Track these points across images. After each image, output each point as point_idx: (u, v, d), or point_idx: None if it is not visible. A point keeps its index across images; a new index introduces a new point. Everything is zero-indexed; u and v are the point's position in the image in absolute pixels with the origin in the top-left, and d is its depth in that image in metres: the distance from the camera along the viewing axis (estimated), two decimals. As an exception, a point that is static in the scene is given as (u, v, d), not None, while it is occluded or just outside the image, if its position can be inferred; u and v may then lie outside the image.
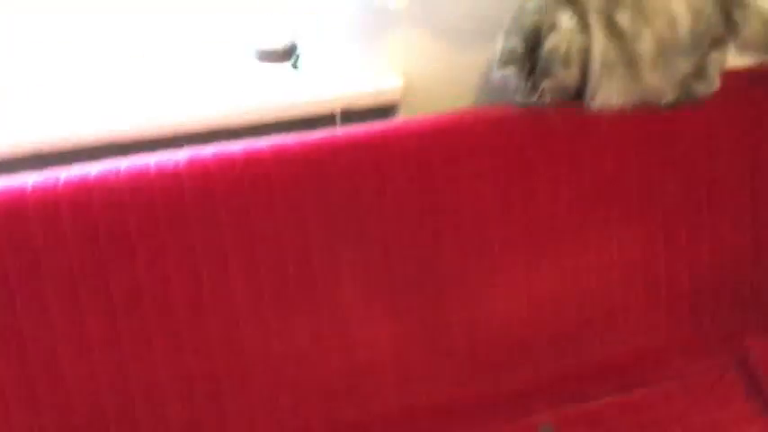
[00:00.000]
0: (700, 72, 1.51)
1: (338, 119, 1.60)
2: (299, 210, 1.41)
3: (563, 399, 1.53)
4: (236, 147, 1.41)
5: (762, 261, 1.66)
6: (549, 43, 1.41)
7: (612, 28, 1.44)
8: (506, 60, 1.46)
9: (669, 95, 1.51)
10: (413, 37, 1.62)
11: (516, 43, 1.44)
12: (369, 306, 1.47)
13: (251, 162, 1.39)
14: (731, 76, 1.56)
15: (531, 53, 1.42)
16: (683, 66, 1.49)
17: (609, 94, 1.47)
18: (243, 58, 1.72)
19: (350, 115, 1.61)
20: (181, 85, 1.63)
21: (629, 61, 1.45)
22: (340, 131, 1.50)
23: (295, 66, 1.69)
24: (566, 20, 1.43)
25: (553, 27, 1.42)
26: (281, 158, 1.41)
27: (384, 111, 1.65)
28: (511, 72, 1.45)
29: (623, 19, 1.44)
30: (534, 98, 1.46)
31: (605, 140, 1.54)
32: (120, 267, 1.33)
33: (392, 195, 1.45)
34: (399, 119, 1.60)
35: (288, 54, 1.71)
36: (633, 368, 1.59)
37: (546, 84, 1.43)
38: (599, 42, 1.44)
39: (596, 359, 1.59)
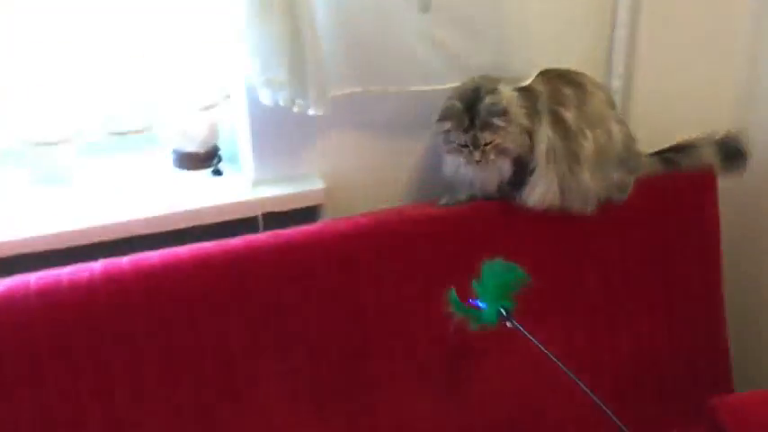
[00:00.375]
0: (622, 185, 1.61)
1: (260, 223, 1.59)
2: (220, 317, 1.38)
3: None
4: (153, 255, 1.38)
5: (678, 351, 1.70)
6: (489, 99, 1.47)
7: (558, 123, 1.53)
8: (444, 115, 1.50)
9: (595, 201, 1.58)
10: (335, 139, 1.64)
11: (455, 101, 1.49)
12: (294, 413, 1.43)
13: (169, 270, 1.36)
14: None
15: (469, 109, 1.47)
16: (614, 175, 1.58)
17: (547, 187, 1.53)
18: (158, 161, 1.71)
19: (273, 219, 1.60)
20: (94, 189, 1.60)
21: (572, 156, 1.53)
22: (261, 235, 1.49)
23: (217, 172, 1.68)
24: (506, 89, 1.51)
25: (494, 90, 1.49)
26: (200, 264, 1.38)
27: (308, 213, 1.65)
28: (449, 126, 1.49)
29: (569, 116, 1.54)
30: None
31: (525, 238, 1.58)
32: (27, 394, 1.26)
33: (316, 298, 1.44)
34: (323, 221, 1.60)
35: (209, 158, 1.71)
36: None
37: (485, 137, 1.47)
38: (546, 129, 1.52)
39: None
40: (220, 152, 1.74)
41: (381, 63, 1.52)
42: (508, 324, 1.32)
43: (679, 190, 1.70)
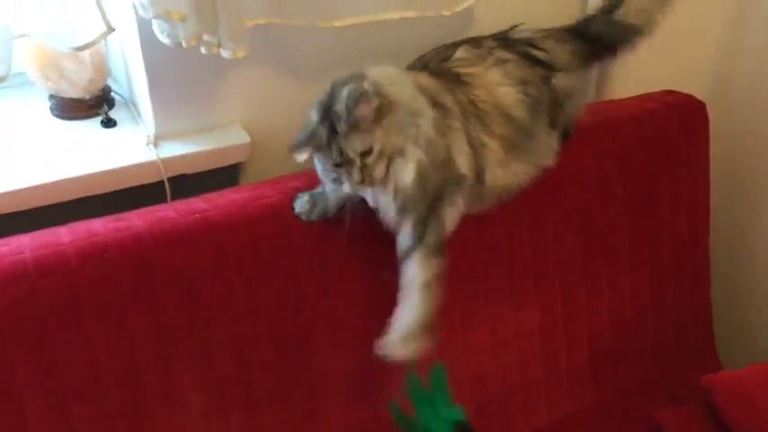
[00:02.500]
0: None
1: (168, 189, 1.28)
2: (120, 324, 1.08)
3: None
4: (24, 242, 1.08)
5: (662, 308, 1.50)
6: (346, 90, 1.05)
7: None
8: (299, 139, 1.09)
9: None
10: (257, 80, 1.32)
11: (310, 112, 1.10)
12: (225, 426, 1.17)
13: (47, 263, 1.05)
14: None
15: (326, 115, 1.07)
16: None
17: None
18: (33, 109, 1.36)
19: (183, 183, 1.29)
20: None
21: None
22: (170, 207, 1.18)
23: (108, 122, 1.34)
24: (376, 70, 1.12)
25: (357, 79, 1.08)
26: (87, 254, 1.07)
27: (226, 174, 1.34)
28: (308, 151, 1.09)
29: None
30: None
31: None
32: None
33: (243, 290, 1.15)
34: (247, 185, 1.29)
35: (97, 104, 1.36)
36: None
37: (354, 144, 1.05)
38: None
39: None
40: (112, 94, 1.39)
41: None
42: None
43: (665, 127, 1.45)
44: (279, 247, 1.17)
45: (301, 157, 1.10)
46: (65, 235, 1.11)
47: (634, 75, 1.58)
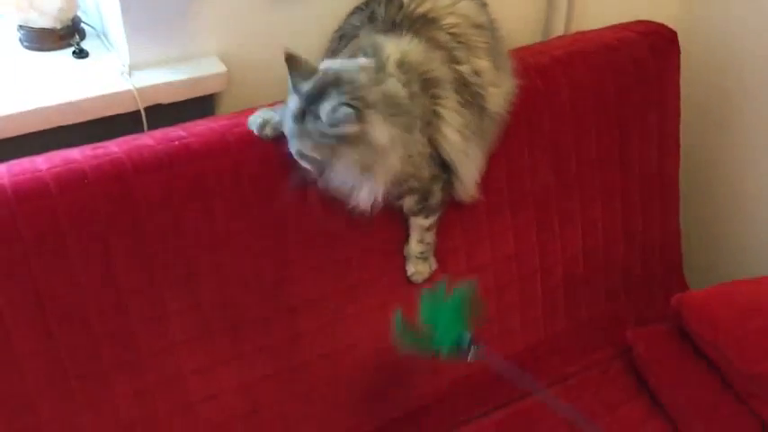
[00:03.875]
0: None
1: (144, 119, 1.27)
2: (102, 252, 1.09)
3: (443, 419, 1.35)
4: (1, 168, 1.07)
5: (633, 238, 1.54)
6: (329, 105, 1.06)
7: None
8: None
9: None
10: (235, 7, 1.30)
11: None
12: (208, 356, 1.19)
13: (26, 186, 1.05)
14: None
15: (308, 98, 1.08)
16: None
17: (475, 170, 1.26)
18: (4, 42, 1.33)
19: (159, 113, 1.27)
20: None
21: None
22: (148, 136, 1.18)
23: (80, 53, 1.32)
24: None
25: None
26: (66, 183, 1.07)
27: (201, 104, 1.33)
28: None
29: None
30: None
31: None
32: None
33: (222, 216, 1.16)
34: (225, 115, 1.28)
35: (68, 35, 1.33)
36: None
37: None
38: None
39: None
40: (83, 25, 1.37)
41: None
42: (470, 357, 1.09)
43: (638, 56, 1.47)
44: (257, 174, 1.17)
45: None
46: (42, 162, 1.10)
47: (603, 5, 1.59)
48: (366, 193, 1.12)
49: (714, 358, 1.34)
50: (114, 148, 1.14)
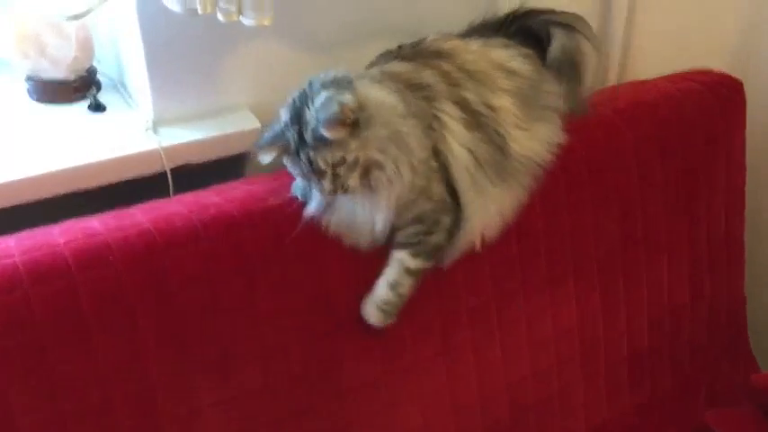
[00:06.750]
0: None
1: (170, 182, 1.13)
2: (128, 337, 0.94)
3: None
4: (10, 242, 0.93)
5: (699, 308, 1.41)
6: (319, 98, 0.94)
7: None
8: (265, 141, 0.98)
9: None
10: (269, 56, 1.18)
11: (282, 110, 0.99)
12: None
13: (42, 265, 0.90)
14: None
15: (297, 118, 0.95)
16: None
17: (488, 218, 1.09)
18: (10, 94, 1.20)
19: (186, 175, 1.14)
20: None
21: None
22: (177, 202, 1.04)
23: (97, 106, 1.18)
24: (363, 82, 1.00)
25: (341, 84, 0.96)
26: (88, 255, 0.92)
27: (230, 164, 1.19)
28: (274, 152, 0.98)
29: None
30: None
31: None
32: None
33: (266, 293, 1.01)
34: (263, 176, 1.14)
35: (84, 86, 1.20)
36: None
37: (324, 155, 0.94)
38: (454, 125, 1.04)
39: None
40: (98, 76, 1.24)
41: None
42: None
43: (705, 107, 1.35)
44: (303, 245, 1.03)
45: (265, 158, 0.98)
46: (58, 235, 0.95)
47: (657, 53, 1.49)
48: (377, 217, 0.99)
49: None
50: (140, 216, 1.00)
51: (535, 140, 1.11)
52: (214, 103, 1.18)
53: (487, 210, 1.06)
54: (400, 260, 1.02)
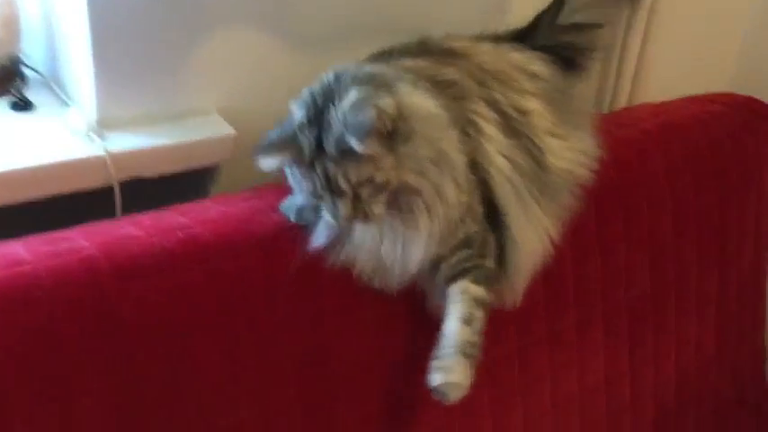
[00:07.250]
0: None
1: (117, 199, 0.88)
2: (65, 404, 0.68)
3: None
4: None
5: (724, 363, 1.24)
6: (348, 100, 0.73)
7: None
8: (272, 144, 0.76)
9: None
10: (242, 51, 0.96)
11: (296, 108, 0.76)
12: None
13: None
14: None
15: (316, 120, 0.74)
16: None
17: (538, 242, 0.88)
18: None
19: (135, 189, 0.89)
20: None
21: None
22: (130, 223, 0.79)
23: (22, 104, 0.93)
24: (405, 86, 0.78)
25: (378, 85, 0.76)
26: (10, 292, 0.68)
27: (193, 179, 0.95)
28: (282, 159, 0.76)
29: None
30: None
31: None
32: None
33: (250, 340, 0.77)
34: (241, 193, 0.90)
35: (5, 80, 0.94)
36: None
37: (348, 173, 0.72)
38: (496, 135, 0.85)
39: None
40: (23, 69, 0.98)
41: None
42: None
43: (735, 132, 1.20)
44: (298, 280, 0.80)
45: (268, 164, 0.75)
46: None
47: (667, 75, 1.35)
48: (412, 250, 0.77)
49: None
50: (82, 241, 0.75)
51: (572, 152, 0.92)
52: (176, 104, 0.94)
53: (537, 231, 0.85)
54: (465, 290, 0.79)
